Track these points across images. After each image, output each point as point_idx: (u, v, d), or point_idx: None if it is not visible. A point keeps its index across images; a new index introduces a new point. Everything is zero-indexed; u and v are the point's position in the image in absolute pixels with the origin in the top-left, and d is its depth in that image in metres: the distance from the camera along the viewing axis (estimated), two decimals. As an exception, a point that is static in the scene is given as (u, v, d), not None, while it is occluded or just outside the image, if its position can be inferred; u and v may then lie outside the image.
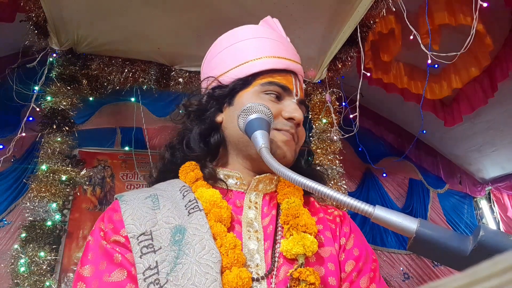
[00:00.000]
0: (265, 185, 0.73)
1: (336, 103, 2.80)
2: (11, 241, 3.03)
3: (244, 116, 0.67)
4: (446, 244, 0.37)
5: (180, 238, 0.58)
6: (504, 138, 4.16)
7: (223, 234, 0.61)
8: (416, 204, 4.51)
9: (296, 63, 0.80)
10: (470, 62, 3.04)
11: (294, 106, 0.74)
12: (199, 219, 0.61)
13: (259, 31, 0.80)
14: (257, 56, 0.75)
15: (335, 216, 0.76)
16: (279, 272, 0.61)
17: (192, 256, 0.55)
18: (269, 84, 0.73)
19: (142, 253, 0.56)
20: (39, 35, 2.34)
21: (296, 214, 0.67)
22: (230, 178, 0.72)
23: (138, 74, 2.65)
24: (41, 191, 2.14)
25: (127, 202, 0.64)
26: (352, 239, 0.72)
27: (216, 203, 0.65)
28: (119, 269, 0.56)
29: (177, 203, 0.65)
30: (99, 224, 0.63)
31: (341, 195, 0.44)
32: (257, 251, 0.63)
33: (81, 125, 2.91)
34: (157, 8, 2.21)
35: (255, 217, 0.68)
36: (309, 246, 0.61)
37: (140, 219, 0.60)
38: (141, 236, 0.58)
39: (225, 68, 0.77)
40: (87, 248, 0.60)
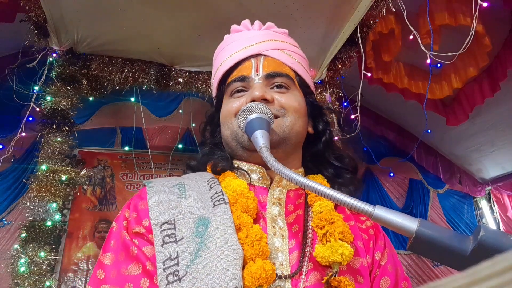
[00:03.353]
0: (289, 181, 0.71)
1: (336, 103, 2.80)
2: (11, 241, 3.03)
3: (244, 116, 0.67)
4: (446, 244, 0.37)
5: (203, 230, 0.57)
6: (504, 138, 4.16)
7: (249, 225, 0.60)
8: (416, 204, 4.51)
9: (257, 44, 0.79)
10: (470, 62, 3.04)
11: (255, 85, 0.73)
12: (224, 212, 0.60)
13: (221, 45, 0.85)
14: (217, 67, 0.82)
15: (368, 227, 0.73)
16: (308, 276, 0.60)
17: (213, 250, 0.54)
18: (229, 85, 0.77)
19: (164, 242, 0.55)
20: (39, 35, 2.33)
21: (331, 219, 0.65)
22: (253, 172, 0.72)
23: (138, 74, 2.65)
24: (41, 191, 2.14)
25: (154, 189, 0.64)
26: (386, 254, 0.70)
27: (244, 193, 0.65)
28: (135, 263, 0.56)
29: (204, 194, 0.65)
30: (125, 211, 0.63)
31: (341, 195, 0.44)
32: (281, 249, 0.62)
33: (81, 125, 2.91)
34: (157, 8, 2.21)
35: (279, 213, 0.67)
36: (347, 255, 0.60)
37: (165, 207, 0.60)
38: (164, 224, 0.57)
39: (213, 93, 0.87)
40: (110, 235, 0.61)
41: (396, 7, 2.10)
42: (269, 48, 0.79)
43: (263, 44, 0.79)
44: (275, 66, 0.77)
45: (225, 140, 0.75)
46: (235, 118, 0.71)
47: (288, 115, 0.71)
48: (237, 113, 0.71)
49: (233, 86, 0.76)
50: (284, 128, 0.70)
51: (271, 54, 0.78)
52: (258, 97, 0.70)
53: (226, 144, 0.77)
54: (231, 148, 0.75)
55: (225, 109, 0.75)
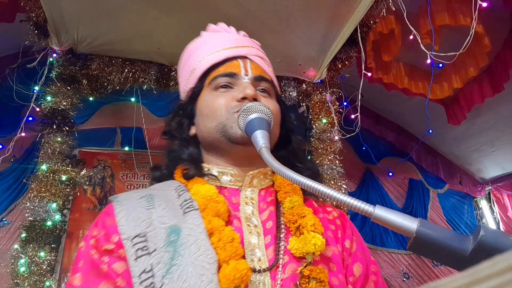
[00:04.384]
0: (260, 180, 0.74)
1: (336, 103, 2.80)
2: (11, 241, 3.03)
3: (244, 116, 0.68)
4: (446, 244, 0.37)
5: (175, 239, 0.57)
6: (504, 138, 4.16)
7: (221, 228, 0.61)
8: (416, 204, 4.51)
9: (243, 47, 0.82)
10: (470, 62, 3.04)
11: (245, 85, 0.74)
12: (195, 219, 0.61)
13: (201, 40, 0.86)
14: (199, 61, 0.81)
15: (334, 217, 0.77)
16: (285, 269, 0.62)
17: (187, 257, 0.55)
18: (214, 79, 0.77)
19: (137, 255, 0.55)
20: (39, 35, 2.33)
21: (302, 214, 0.68)
22: (224, 175, 0.73)
23: (138, 74, 2.65)
24: (41, 191, 2.14)
25: (121, 203, 0.64)
26: (355, 242, 0.73)
27: (213, 198, 0.65)
28: (105, 281, 0.56)
29: (173, 203, 0.65)
30: (93, 230, 0.63)
31: (341, 195, 0.45)
32: (258, 245, 0.64)
33: (81, 125, 2.91)
34: (157, 8, 2.21)
35: (253, 212, 0.69)
36: (320, 245, 0.62)
37: (135, 220, 0.60)
38: (135, 238, 0.57)
39: (183, 86, 0.85)
40: (79, 255, 0.60)
41: (396, 7, 2.10)
42: (254, 54, 0.83)
43: (249, 49, 0.83)
44: (261, 71, 0.80)
45: (207, 132, 0.74)
46: (225, 111, 0.72)
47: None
48: (227, 107, 0.72)
49: (219, 80, 0.76)
50: None
51: (255, 59, 0.82)
52: (251, 96, 0.72)
53: (205, 137, 0.75)
54: (212, 141, 0.74)
55: (213, 102, 0.74)
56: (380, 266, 4.12)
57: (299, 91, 2.87)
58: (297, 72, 2.84)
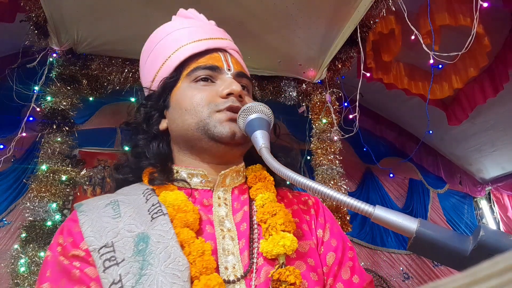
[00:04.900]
0: (232, 179, 0.71)
1: (336, 103, 2.80)
2: (11, 241, 3.03)
3: (244, 116, 0.66)
4: (446, 244, 0.37)
5: (144, 247, 0.55)
6: (504, 138, 4.16)
7: (190, 240, 0.58)
8: (416, 204, 4.51)
9: (223, 40, 0.78)
10: (470, 62, 3.04)
11: (229, 80, 0.71)
12: (163, 225, 0.58)
13: (173, 26, 0.79)
14: (175, 49, 0.74)
15: (309, 207, 0.74)
16: (259, 273, 0.59)
17: (157, 266, 0.53)
18: (194, 70, 0.72)
19: (105, 267, 0.53)
20: (39, 35, 2.33)
21: (272, 212, 0.65)
22: (195, 176, 0.69)
23: (138, 74, 2.63)
24: (41, 191, 2.14)
25: (85, 213, 0.60)
26: (328, 229, 0.71)
27: (181, 207, 0.62)
28: (78, 286, 0.53)
29: (140, 208, 0.62)
30: (57, 238, 0.59)
31: (341, 195, 0.44)
32: (232, 251, 0.61)
33: (81, 125, 2.91)
34: (157, 8, 2.21)
35: (226, 214, 0.66)
36: (290, 245, 0.60)
37: (100, 231, 0.57)
38: (102, 248, 0.54)
39: (152, 75, 0.77)
40: (45, 265, 0.57)
41: (396, 7, 2.10)
42: (232, 48, 0.80)
43: (227, 41, 0.79)
44: (240, 67, 0.77)
45: (185, 128, 0.69)
46: (207, 107, 0.68)
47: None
48: (210, 103, 0.68)
49: (200, 73, 0.71)
50: None
51: (234, 54, 0.79)
52: (238, 92, 0.68)
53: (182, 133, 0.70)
54: (189, 138, 0.69)
55: (193, 96, 0.69)
56: (380, 266, 4.14)
57: (299, 91, 2.87)
58: (297, 72, 2.84)
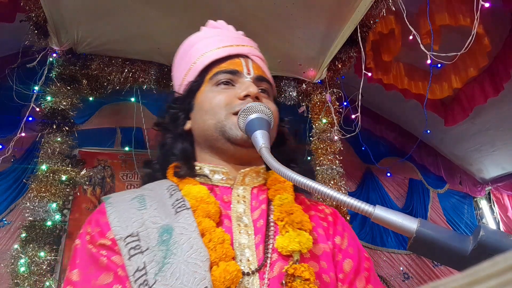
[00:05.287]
0: (252, 178, 0.74)
1: (336, 103, 2.80)
2: (11, 241, 3.03)
3: (244, 116, 0.68)
4: (446, 244, 0.37)
5: (167, 238, 0.58)
6: (504, 138, 4.16)
7: (211, 229, 0.61)
8: (416, 204, 4.51)
9: (246, 46, 0.83)
10: (470, 62, 3.04)
11: (247, 83, 0.74)
12: (186, 218, 0.61)
13: (201, 35, 0.86)
14: (200, 55, 0.80)
15: (326, 214, 0.77)
16: (273, 267, 0.62)
17: (180, 256, 0.55)
18: (216, 74, 0.76)
19: (130, 254, 0.56)
20: (39, 35, 2.33)
21: (290, 211, 0.67)
22: (216, 173, 0.72)
23: (138, 74, 2.65)
24: (41, 191, 2.14)
25: (112, 205, 0.64)
26: (346, 238, 0.73)
27: (203, 199, 0.65)
28: (106, 273, 0.56)
29: (164, 203, 0.65)
30: (86, 227, 0.63)
31: (341, 195, 0.45)
32: (248, 245, 0.63)
33: (81, 125, 2.91)
34: (157, 8, 2.21)
35: (244, 211, 0.69)
36: (305, 243, 0.62)
37: (127, 221, 0.60)
38: (128, 237, 0.58)
39: (180, 79, 0.84)
40: (75, 253, 0.60)
41: (396, 7, 2.10)
42: (255, 54, 0.84)
43: (250, 48, 0.84)
44: (261, 72, 0.81)
45: (205, 128, 0.73)
46: (225, 109, 0.72)
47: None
48: (227, 105, 0.72)
49: (221, 77, 0.76)
50: None
51: (256, 60, 0.83)
52: (254, 94, 0.72)
53: (202, 133, 0.74)
54: (208, 139, 0.73)
55: (213, 98, 0.74)
56: (380, 266, 4.14)
57: (299, 91, 2.87)
58: (297, 72, 2.84)
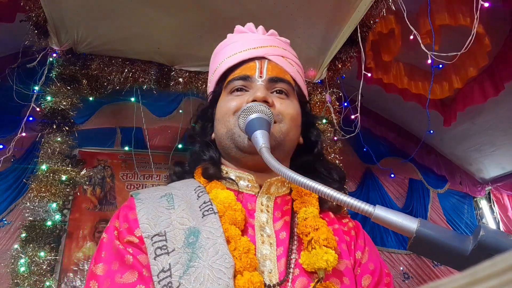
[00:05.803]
0: (277, 188, 0.73)
1: (336, 103, 2.80)
2: (11, 241, 3.03)
3: (244, 116, 0.67)
4: (446, 244, 0.37)
5: (194, 241, 0.58)
6: (504, 138, 4.16)
7: (237, 237, 0.60)
8: (416, 204, 4.51)
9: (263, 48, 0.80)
10: (470, 62, 3.04)
11: (257, 87, 0.74)
12: (213, 223, 0.61)
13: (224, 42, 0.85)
14: (217, 65, 0.82)
15: (350, 228, 0.75)
16: (294, 283, 0.61)
17: (205, 260, 0.55)
18: (230, 82, 0.77)
19: (156, 254, 0.56)
20: (39, 35, 2.33)
21: (315, 226, 0.66)
22: (242, 180, 0.72)
23: (138, 74, 2.65)
24: (41, 191, 2.14)
25: (142, 201, 0.64)
26: (366, 253, 0.72)
27: (231, 206, 0.65)
28: (130, 271, 0.56)
29: (192, 204, 0.65)
30: (114, 222, 0.63)
31: (341, 195, 0.44)
32: (270, 257, 0.63)
33: (81, 125, 2.91)
34: (157, 8, 2.21)
35: (267, 221, 0.68)
36: (332, 261, 0.61)
37: (155, 219, 0.60)
38: (155, 236, 0.58)
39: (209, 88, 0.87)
40: (101, 246, 0.60)
41: (396, 7, 2.09)
42: (274, 53, 0.81)
43: (268, 48, 0.81)
44: (278, 72, 0.78)
45: (219, 137, 0.74)
46: (234, 116, 0.71)
47: (285, 122, 0.72)
48: (236, 111, 0.71)
49: (234, 84, 0.76)
50: (280, 134, 0.71)
51: (275, 59, 0.80)
52: (260, 98, 0.70)
53: (219, 142, 0.76)
54: (224, 147, 0.74)
55: (223, 106, 0.75)
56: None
57: (299, 91, 2.87)
58: (297, 72, 2.83)
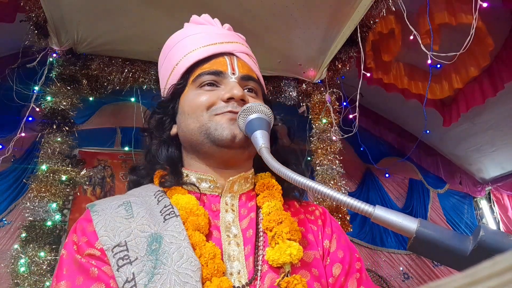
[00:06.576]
0: (241, 185, 0.71)
1: (336, 103, 2.80)
2: (11, 241, 3.03)
3: (244, 116, 0.67)
4: (446, 244, 0.37)
5: (156, 247, 0.56)
6: (504, 138, 4.16)
7: (202, 243, 0.59)
8: (416, 204, 4.51)
9: (230, 43, 0.78)
10: (470, 62, 3.04)
11: (232, 84, 0.71)
12: (176, 226, 0.59)
13: (184, 33, 0.81)
14: (181, 57, 0.77)
15: (316, 217, 0.74)
16: (263, 280, 0.60)
17: (170, 266, 0.54)
18: (199, 76, 0.73)
19: (119, 265, 0.54)
20: (39, 35, 2.33)
21: (279, 220, 0.65)
22: (203, 181, 0.70)
23: (138, 74, 2.65)
24: (41, 191, 2.14)
25: (98, 213, 0.61)
26: (335, 240, 0.71)
27: (193, 211, 0.63)
28: (97, 283, 0.54)
29: (152, 209, 0.63)
30: (72, 236, 0.60)
31: (341, 195, 0.44)
32: (238, 257, 0.62)
33: (81, 125, 2.91)
34: (157, 8, 2.21)
35: (233, 220, 0.67)
36: (296, 254, 0.60)
37: (114, 230, 0.58)
38: (116, 247, 0.56)
39: (164, 81, 0.81)
40: (61, 263, 0.58)
41: (396, 7, 2.10)
42: (241, 50, 0.80)
43: (236, 45, 0.79)
44: (248, 70, 0.77)
45: (189, 133, 0.70)
46: (207, 111, 0.69)
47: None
48: (210, 107, 0.70)
49: (204, 78, 0.73)
50: None
51: (242, 57, 0.79)
52: (238, 96, 0.69)
53: (187, 138, 0.71)
54: (193, 142, 0.70)
55: (193, 100, 0.71)
56: (380, 266, 4.14)
57: (299, 91, 2.87)
58: (297, 72, 2.83)
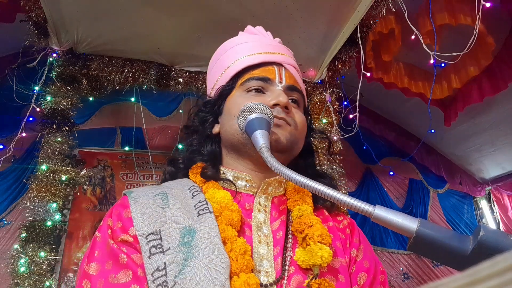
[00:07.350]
0: (275, 188, 0.73)
1: (336, 103, 2.80)
2: (11, 241, 3.03)
3: (244, 116, 0.67)
4: (446, 244, 0.37)
5: (189, 240, 0.57)
6: (504, 138, 4.16)
7: (233, 238, 0.60)
8: (416, 204, 4.51)
9: (280, 54, 0.82)
10: (470, 62, 3.04)
11: (278, 92, 0.74)
12: (209, 222, 0.61)
13: (237, 41, 0.85)
14: (233, 61, 0.81)
15: (344, 226, 0.75)
16: (290, 280, 0.61)
17: (201, 260, 0.55)
18: (248, 81, 0.76)
19: (151, 253, 0.55)
20: (39, 35, 2.33)
21: (309, 223, 0.66)
22: (240, 180, 0.72)
23: (138, 74, 2.65)
24: (41, 191, 2.14)
25: (136, 199, 0.63)
26: (361, 250, 0.72)
27: (228, 206, 0.64)
28: (124, 270, 0.55)
29: (187, 203, 0.64)
30: (107, 220, 0.61)
31: (341, 195, 0.45)
32: (267, 256, 0.63)
33: (81, 125, 2.91)
34: (157, 8, 2.21)
35: (264, 220, 0.68)
36: (327, 257, 0.61)
37: (150, 218, 0.59)
38: (150, 235, 0.57)
39: (212, 83, 0.85)
40: (94, 245, 0.59)
41: (396, 7, 2.10)
42: (289, 63, 0.83)
43: (285, 57, 0.83)
44: (294, 81, 0.80)
45: (233, 133, 0.72)
46: None
47: (298, 129, 0.74)
48: None
49: (252, 83, 0.76)
50: (293, 139, 0.72)
51: (290, 69, 0.82)
52: (284, 103, 0.72)
53: (229, 138, 0.74)
54: (235, 143, 0.72)
55: (241, 103, 0.73)
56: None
57: (299, 91, 2.87)
58: (297, 72, 2.83)
